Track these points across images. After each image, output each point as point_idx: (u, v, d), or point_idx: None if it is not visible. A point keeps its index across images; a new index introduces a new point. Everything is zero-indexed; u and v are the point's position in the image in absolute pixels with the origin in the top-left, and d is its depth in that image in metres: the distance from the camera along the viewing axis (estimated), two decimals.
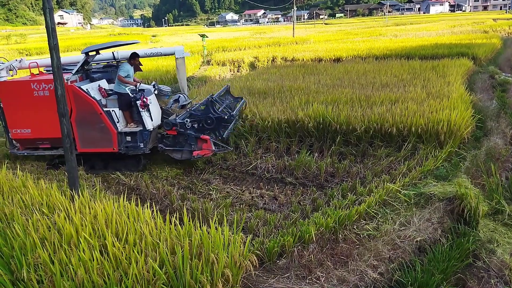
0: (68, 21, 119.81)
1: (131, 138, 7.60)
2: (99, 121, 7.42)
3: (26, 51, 39.21)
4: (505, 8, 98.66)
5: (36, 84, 7.40)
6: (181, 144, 7.69)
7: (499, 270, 4.32)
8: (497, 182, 5.92)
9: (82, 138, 7.55)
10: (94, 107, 7.36)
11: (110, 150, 7.59)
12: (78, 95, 7.31)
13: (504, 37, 29.33)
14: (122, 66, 7.74)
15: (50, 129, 7.50)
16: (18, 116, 7.72)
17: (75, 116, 7.40)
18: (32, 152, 8.09)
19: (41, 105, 7.44)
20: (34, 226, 4.25)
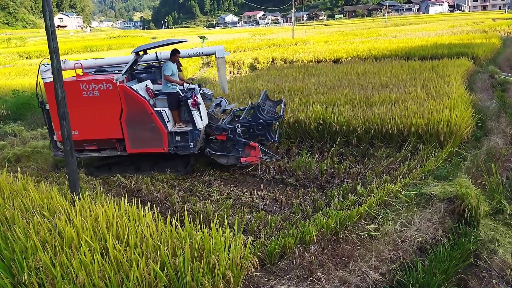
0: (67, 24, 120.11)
1: (181, 138, 7.49)
2: (150, 121, 7.30)
3: (26, 54, 39.31)
4: (504, 8, 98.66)
5: (85, 84, 7.21)
6: (229, 150, 7.66)
7: (500, 270, 4.31)
8: (497, 181, 5.92)
9: (133, 138, 7.42)
10: (145, 107, 7.25)
11: (160, 150, 7.47)
12: (129, 95, 7.20)
13: (504, 37, 29.37)
14: (166, 65, 7.61)
15: (99, 130, 7.43)
16: None
17: (125, 117, 7.27)
18: (78, 155, 7.73)
19: (90, 105, 7.28)
20: (35, 229, 4.25)
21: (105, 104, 7.22)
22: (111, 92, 7.14)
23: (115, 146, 7.65)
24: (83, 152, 7.79)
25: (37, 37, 71.89)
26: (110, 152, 7.69)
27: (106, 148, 7.72)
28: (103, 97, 7.19)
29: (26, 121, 12.00)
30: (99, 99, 7.22)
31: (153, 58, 9.07)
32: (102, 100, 7.22)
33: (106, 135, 7.49)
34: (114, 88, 7.13)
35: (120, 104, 7.21)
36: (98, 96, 7.22)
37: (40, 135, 10.79)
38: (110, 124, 7.35)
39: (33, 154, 9.11)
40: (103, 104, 7.23)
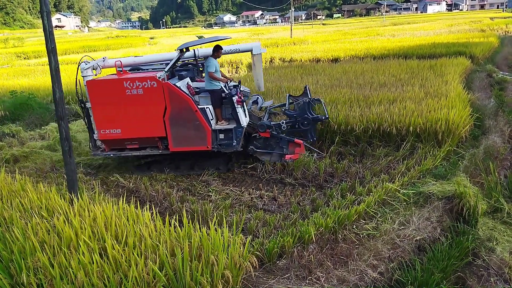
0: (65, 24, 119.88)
1: (224, 135, 7.42)
2: (194, 118, 7.22)
3: (24, 54, 39.24)
4: (502, 7, 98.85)
5: (129, 82, 7.12)
6: (272, 147, 7.64)
7: (498, 268, 4.32)
8: (495, 180, 5.93)
9: (176, 136, 7.34)
10: (190, 105, 7.18)
11: (204, 148, 7.40)
12: (174, 92, 7.11)
13: (501, 36, 29.41)
14: (209, 62, 7.53)
15: (142, 128, 7.36)
16: (107, 116, 7.39)
17: (169, 115, 7.20)
18: (119, 154, 7.76)
19: (134, 104, 7.21)
20: (34, 230, 4.25)
21: (149, 102, 7.16)
22: (155, 89, 7.07)
23: (157, 144, 7.57)
24: (124, 151, 7.72)
25: (35, 37, 71.75)
26: (151, 150, 7.62)
27: (147, 147, 7.65)
28: (147, 95, 7.12)
29: (24, 121, 11.97)
30: (143, 97, 7.14)
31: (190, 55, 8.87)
32: (146, 98, 7.15)
33: (149, 133, 7.43)
34: (159, 85, 7.05)
35: (164, 102, 7.13)
36: (142, 94, 7.14)
37: (38, 136, 10.77)
38: (153, 122, 7.28)
39: (31, 154, 9.10)
40: (146, 102, 7.17)
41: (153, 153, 7.63)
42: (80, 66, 7.55)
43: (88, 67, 7.58)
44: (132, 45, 45.14)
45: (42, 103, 13.31)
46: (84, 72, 7.54)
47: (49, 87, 8.87)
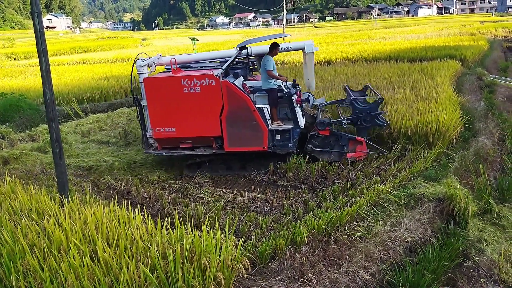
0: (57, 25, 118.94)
1: (281, 136, 7.30)
2: (252, 118, 7.08)
3: (14, 55, 38.86)
4: (491, 11, 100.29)
5: (187, 80, 6.98)
6: (331, 145, 7.50)
7: (488, 269, 4.37)
8: (485, 182, 6.01)
9: (231, 136, 7.20)
10: (248, 104, 7.02)
11: (260, 149, 7.28)
12: (232, 91, 6.96)
13: (491, 39, 29.79)
14: (267, 60, 7.38)
15: (197, 127, 7.25)
16: (163, 114, 7.27)
17: (226, 114, 7.06)
18: (171, 152, 7.64)
19: (190, 102, 7.08)
20: (23, 233, 4.20)
21: (206, 100, 7.05)
22: (213, 88, 6.95)
23: (211, 144, 7.47)
24: (176, 150, 7.61)
25: (25, 38, 71.08)
26: (205, 150, 7.51)
27: (200, 146, 7.54)
28: (204, 93, 7.00)
29: (14, 123, 11.83)
30: (200, 95, 7.01)
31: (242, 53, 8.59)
32: (203, 97, 7.02)
33: (205, 132, 7.32)
34: (217, 84, 6.93)
35: (222, 100, 7.01)
36: (199, 92, 7.01)
37: (28, 137, 10.66)
38: (210, 121, 7.18)
39: (21, 156, 9.00)
40: (204, 100, 7.05)
41: (207, 152, 7.51)
42: (136, 63, 7.40)
43: (144, 64, 7.45)
44: (124, 46, 44.94)
45: (32, 104, 13.17)
46: (140, 69, 7.42)
47: (40, 88, 8.78)
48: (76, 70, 21.51)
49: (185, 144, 7.53)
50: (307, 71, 8.83)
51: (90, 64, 26.40)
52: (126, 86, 16.45)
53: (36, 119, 12.19)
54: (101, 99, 15.44)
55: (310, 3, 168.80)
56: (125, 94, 16.27)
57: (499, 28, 38.37)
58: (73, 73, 20.11)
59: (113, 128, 11.65)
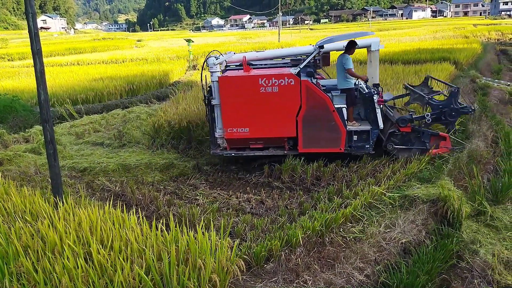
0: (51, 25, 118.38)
1: (357, 137, 7.17)
2: (330, 119, 6.91)
3: (8, 56, 38.58)
4: (484, 14, 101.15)
5: (265, 79, 6.79)
6: (412, 142, 7.31)
7: (482, 270, 4.40)
8: (479, 184, 6.05)
9: (308, 137, 7.02)
10: (327, 104, 6.85)
11: (336, 150, 7.14)
12: (312, 90, 6.79)
13: (484, 42, 30.08)
14: (346, 58, 7.24)
15: (272, 128, 7.07)
16: (236, 114, 7.06)
17: (303, 114, 6.88)
18: (240, 153, 7.44)
19: (267, 102, 6.86)
20: (17, 234, 4.17)
21: (284, 100, 6.88)
22: (292, 87, 6.77)
23: (282, 144, 7.32)
24: (244, 151, 7.44)
25: (19, 39, 70.61)
26: (275, 151, 7.37)
27: (270, 147, 7.39)
28: (282, 92, 6.81)
29: (8, 124, 11.75)
30: (277, 95, 6.82)
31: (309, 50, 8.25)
32: (281, 96, 6.84)
33: (279, 133, 7.16)
34: (296, 83, 6.76)
35: (300, 100, 6.83)
36: (276, 92, 6.81)
37: (22, 139, 10.60)
38: (285, 121, 7.01)
39: (15, 157, 8.94)
40: (281, 100, 6.87)
41: (277, 153, 7.37)
42: (208, 61, 7.19)
43: (219, 62, 7.25)
44: (119, 48, 44.76)
45: (26, 105, 13.10)
46: (214, 68, 7.18)
47: (34, 89, 8.73)
48: (71, 71, 21.41)
49: (256, 144, 7.36)
50: (371, 70, 8.58)
51: (85, 65, 26.30)
52: (121, 87, 16.41)
53: (30, 120, 12.12)
54: (96, 100, 15.38)
55: (305, 5, 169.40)
56: (120, 95, 16.24)
57: (492, 31, 38.78)
58: (68, 74, 20.02)
59: (108, 129, 11.61)
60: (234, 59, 7.98)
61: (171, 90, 16.45)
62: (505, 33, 37.68)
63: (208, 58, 7.24)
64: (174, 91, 15.41)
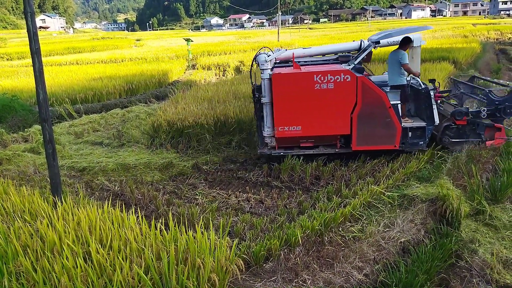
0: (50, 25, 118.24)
1: (412, 134, 7.12)
2: (386, 115, 6.82)
3: (7, 55, 38.51)
4: (484, 14, 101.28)
5: (320, 76, 6.63)
6: (467, 135, 7.31)
7: (481, 269, 4.41)
8: (478, 183, 6.06)
9: (362, 135, 6.93)
10: (384, 100, 6.75)
11: (391, 147, 7.07)
12: (368, 87, 6.70)
13: (483, 42, 30.09)
14: (402, 54, 7.21)
15: (325, 126, 6.95)
16: (289, 112, 6.88)
17: (359, 111, 6.77)
18: (289, 152, 7.28)
19: (321, 99, 6.72)
20: (16, 234, 4.17)
21: (339, 97, 6.74)
22: (348, 84, 6.67)
23: (333, 143, 7.26)
24: (292, 149, 7.30)
25: (18, 38, 70.55)
26: (325, 149, 7.30)
27: (320, 145, 7.29)
28: (337, 89, 6.68)
29: (6, 123, 11.74)
30: (333, 91, 6.68)
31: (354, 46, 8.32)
32: (336, 93, 6.70)
33: (333, 131, 7.05)
34: (352, 79, 6.66)
35: (355, 97, 6.72)
36: (332, 88, 6.68)
37: (21, 138, 10.58)
38: (340, 119, 6.89)
39: (14, 157, 8.93)
40: (336, 97, 6.74)
41: (328, 152, 7.29)
42: (259, 58, 7.02)
43: (271, 58, 7.08)
44: (118, 47, 44.72)
45: (25, 105, 13.08)
46: (265, 65, 6.96)
47: (33, 88, 8.71)
48: (70, 71, 21.38)
49: (306, 143, 7.23)
50: (413, 65, 8.48)
51: (84, 65, 26.26)
52: (120, 87, 16.39)
53: (29, 119, 12.11)
54: (95, 99, 15.36)
55: (305, 4, 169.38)
56: (119, 95, 16.22)
57: (492, 31, 38.79)
58: (67, 74, 19.99)
59: (107, 129, 11.59)
60: (282, 56, 7.82)
61: (170, 89, 16.46)
62: (504, 33, 37.71)
63: (258, 55, 7.04)
64: (173, 90, 15.42)
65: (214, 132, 9.33)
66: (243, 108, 9.89)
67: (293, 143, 7.30)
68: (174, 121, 9.56)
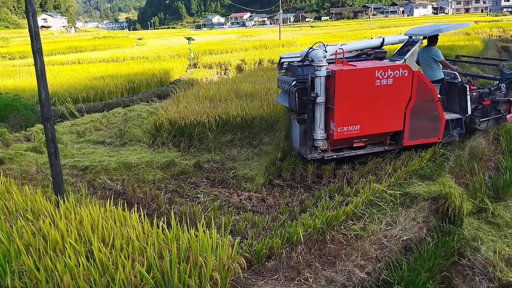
0: (52, 24, 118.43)
1: (453, 125, 7.46)
2: (435, 109, 6.98)
3: (9, 55, 38.60)
4: (486, 11, 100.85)
5: (381, 71, 6.47)
6: (490, 113, 7.76)
7: (483, 267, 4.41)
8: (480, 181, 6.05)
9: (413, 129, 6.95)
10: (434, 94, 6.87)
11: (435, 140, 7.25)
12: (423, 81, 6.77)
13: (486, 39, 29.95)
14: (436, 50, 7.58)
15: (381, 123, 6.84)
16: (350, 111, 6.59)
17: (412, 106, 6.79)
18: (341, 154, 7.01)
19: (380, 95, 6.60)
20: (19, 233, 4.18)
21: (396, 92, 6.69)
22: (406, 79, 6.64)
23: (382, 140, 7.19)
24: (343, 151, 7.07)
25: (20, 37, 70.72)
26: (373, 148, 7.19)
27: (369, 144, 7.18)
28: (396, 85, 6.60)
29: (9, 123, 11.76)
30: (391, 87, 6.59)
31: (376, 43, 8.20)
32: (394, 89, 6.63)
33: (388, 128, 6.96)
34: (409, 74, 6.64)
35: (410, 92, 6.73)
36: (391, 84, 6.57)
37: (23, 137, 10.60)
38: (395, 115, 6.84)
39: (16, 156, 8.95)
40: (393, 92, 6.67)
41: (377, 150, 7.21)
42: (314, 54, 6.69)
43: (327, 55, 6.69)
44: (120, 46, 44.75)
45: (27, 104, 13.10)
46: (323, 61, 6.57)
47: (35, 88, 8.71)
48: (71, 70, 21.42)
49: (359, 142, 7.02)
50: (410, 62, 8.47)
51: (86, 64, 26.29)
52: (122, 86, 16.40)
53: (31, 119, 12.14)
54: (97, 98, 15.38)
55: (306, 2, 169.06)
56: (121, 94, 16.24)
57: (494, 28, 38.58)
58: (68, 73, 20.02)
59: (109, 128, 11.61)
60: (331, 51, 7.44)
61: (172, 88, 16.46)
62: (507, 30, 37.52)
63: (312, 51, 6.69)
64: (175, 89, 15.42)
65: (216, 130, 9.33)
66: (244, 106, 9.89)
67: (347, 144, 7.09)
68: (176, 120, 9.57)
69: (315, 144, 6.96)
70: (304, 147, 7.23)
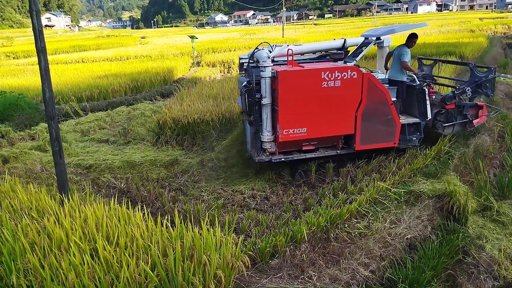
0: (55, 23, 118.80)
1: (409, 130, 7.19)
2: (388, 112, 6.74)
3: (13, 54, 38.72)
4: (490, 8, 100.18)
5: (328, 73, 6.24)
6: (455, 117, 7.43)
7: (488, 265, 4.38)
8: (485, 179, 6.02)
9: (365, 133, 6.73)
10: (387, 98, 6.63)
11: (390, 145, 7.04)
12: (373, 84, 6.52)
13: (490, 36, 29.74)
14: (404, 50, 7.28)
15: (330, 126, 6.63)
16: (295, 113, 6.40)
17: (363, 109, 6.57)
18: (290, 157, 6.85)
19: (327, 98, 6.38)
20: (24, 231, 4.20)
21: (345, 95, 6.45)
22: (355, 81, 6.39)
23: (333, 144, 7.02)
24: (293, 154, 6.88)
25: (24, 36, 70.94)
26: (326, 151, 6.99)
27: (321, 147, 7.01)
28: (344, 87, 6.37)
29: (13, 122, 11.81)
30: (340, 89, 6.36)
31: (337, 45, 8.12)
32: (343, 91, 6.39)
33: (337, 131, 6.75)
34: (359, 76, 6.39)
35: (360, 94, 6.49)
36: (339, 86, 6.33)
37: (28, 136, 10.65)
38: (345, 118, 6.62)
39: (21, 155, 8.99)
40: (343, 95, 6.44)
41: (329, 154, 7.00)
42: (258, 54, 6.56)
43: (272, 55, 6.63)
44: (123, 45, 44.80)
45: (31, 103, 13.15)
46: (267, 62, 6.43)
47: (39, 87, 8.75)
48: (75, 69, 21.48)
49: (309, 146, 6.87)
50: (381, 64, 8.67)
51: (89, 63, 26.35)
52: (125, 85, 16.44)
53: (36, 118, 12.19)
54: (101, 97, 15.42)
55: (310, 0, 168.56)
56: (124, 93, 16.27)
57: (499, 25, 38.33)
58: (72, 72, 20.08)
59: (113, 126, 11.64)
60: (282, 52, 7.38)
61: (175, 87, 16.46)
62: None
63: (257, 51, 6.56)
64: (178, 87, 15.42)
65: (220, 129, 9.34)
66: None
67: (295, 147, 6.92)
68: (180, 118, 9.58)
69: (263, 147, 6.82)
70: (253, 149, 7.12)
